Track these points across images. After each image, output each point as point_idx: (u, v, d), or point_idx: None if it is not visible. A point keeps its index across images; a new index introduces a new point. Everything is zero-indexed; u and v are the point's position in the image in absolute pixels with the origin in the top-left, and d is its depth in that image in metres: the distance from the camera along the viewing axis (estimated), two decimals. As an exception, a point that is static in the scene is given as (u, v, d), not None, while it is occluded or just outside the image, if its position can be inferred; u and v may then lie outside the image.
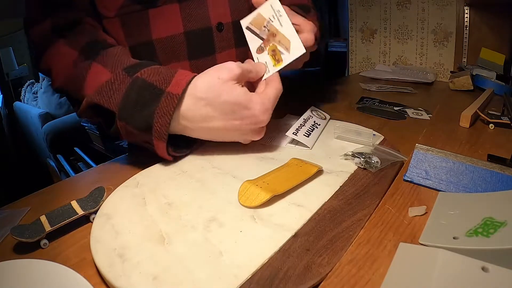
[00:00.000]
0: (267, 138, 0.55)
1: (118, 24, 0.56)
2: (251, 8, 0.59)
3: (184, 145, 0.51)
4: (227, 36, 0.62)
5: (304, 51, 0.50)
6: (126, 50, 0.53)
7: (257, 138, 0.50)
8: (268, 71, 0.52)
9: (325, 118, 0.62)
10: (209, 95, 0.45)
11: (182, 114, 0.46)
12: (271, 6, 0.53)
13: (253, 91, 0.50)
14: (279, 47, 0.52)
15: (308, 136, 0.54)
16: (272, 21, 0.53)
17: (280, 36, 0.52)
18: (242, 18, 0.59)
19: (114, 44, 0.53)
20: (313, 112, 0.62)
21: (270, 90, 0.48)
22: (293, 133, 0.53)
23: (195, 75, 0.47)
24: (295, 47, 0.50)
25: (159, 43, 0.56)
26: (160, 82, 0.45)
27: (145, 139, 0.47)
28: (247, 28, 0.55)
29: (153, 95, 0.45)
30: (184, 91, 0.45)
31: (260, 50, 0.53)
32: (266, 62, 0.52)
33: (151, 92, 0.45)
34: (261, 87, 0.51)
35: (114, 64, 0.48)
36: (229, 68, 0.46)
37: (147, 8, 0.55)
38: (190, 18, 0.57)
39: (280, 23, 0.52)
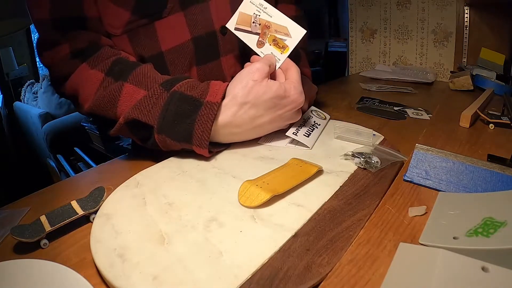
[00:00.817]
0: (267, 139, 0.55)
1: (126, 40, 0.55)
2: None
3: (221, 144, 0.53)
4: (230, 39, 0.62)
5: (305, 31, 0.51)
6: (153, 67, 0.53)
7: (297, 118, 0.54)
8: (278, 59, 0.53)
9: (325, 118, 0.62)
10: (251, 97, 0.48)
11: (231, 122, 0.48)
12: (251, 2, 0.54)
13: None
14: (278, 36, 0.52)
15: (308, 136, 0.54)
16: (259, 15, 0.53)
17: (275, 26, 0.53)
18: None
19: (136, 62, 0.53)
20: (313, 112, 0.62)
21: (293, 74, 0.51)
22: (293, 133, 0.53)
23: (228, 84, 0.49)
24: (294, 31, 0.52)
25: (169, 53, 0.56)
26: (198, 94, 0.48)
27: (185, 147, 0.49)
28: (236, 29, 0.55)
29: (192, 106, 0.47)
30: (222, 98, 0.48)
31: (260, 44, 0.54)
32: (271, 53, 0.53)
33: (190, 104, 0.47)
34: (281, 75, 0.53)
35: (148, 81, 0.49)
36: (259, 69, 0.48)
37: (154, 21, 0.54)
38: (196, 24, 0.58)
39: (268, 15, 0.53)
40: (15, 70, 2.87)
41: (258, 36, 0.54)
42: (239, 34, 0.55)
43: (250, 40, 0.55)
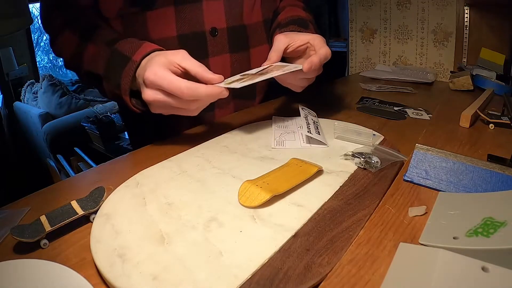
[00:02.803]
0: (279, 142, 0.55)
1: (120, 24, 0.61)
2: (244, 15, 0.65)
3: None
4: (221, 41, 0.63)
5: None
6: (111, 29, 0.61)
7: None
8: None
9: (316, 115, 0.63)
10: (148, 64, 0.50)
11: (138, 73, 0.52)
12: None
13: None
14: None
15: (319, 134, 0.54)
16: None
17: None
18: (237, 24, 0.64)
19: (103, 26, 0.60)
20: (305, 110, 0.62)
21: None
22: (308, 132, 0.53)
23: (158, 49, 0.53)
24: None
25: (156, 44, 0.56)
26: (129, 51, 0.53)
27: (118, 94, 0.55)
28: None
29: (123, 61, 0.53)
30: (142, 59, 0.52)
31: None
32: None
33: (122, 59, 0.53)
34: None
35: (100, 41, 0.57)
36: (181, 57, 0.49)
37: (145, 10, 0.58)
38: (184, 22, 0.59)
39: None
40: (15, 70, 2.87)
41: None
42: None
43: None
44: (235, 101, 0.72)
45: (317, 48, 0.58)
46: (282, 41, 0.59)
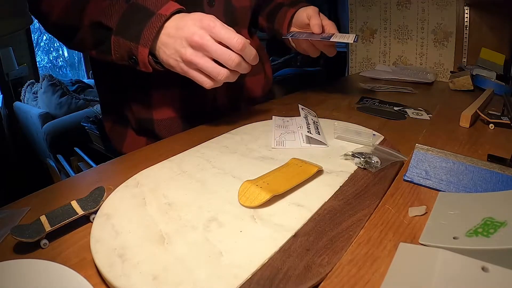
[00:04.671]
0: (279, 142, 0.55)
1: None
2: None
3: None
4: (218, 11, 0.64)
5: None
6: None
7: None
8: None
9: (316, 115, 0.63)
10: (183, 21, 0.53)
11: (165, 30, 0.53)
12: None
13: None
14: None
15: (319, 134, 0.54)
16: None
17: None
18: (228, 2, 0.68)
19: None
20: (305, 110, 0.62)
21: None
22: (308, 132, 0.53)
23: (182, 9, 0.54)
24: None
25: None
26: (153, 7, 0.54)
27: (131, 48, 0.54)
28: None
29: (145, 15, 0.54)
30: (172, 15, 0.53)
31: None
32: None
33: (144, 13, 0.54)
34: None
35: None
36: (211, 19, 0.52)
37: None
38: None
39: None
40: (15, 70, 2.87)
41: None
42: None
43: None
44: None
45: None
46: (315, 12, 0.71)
